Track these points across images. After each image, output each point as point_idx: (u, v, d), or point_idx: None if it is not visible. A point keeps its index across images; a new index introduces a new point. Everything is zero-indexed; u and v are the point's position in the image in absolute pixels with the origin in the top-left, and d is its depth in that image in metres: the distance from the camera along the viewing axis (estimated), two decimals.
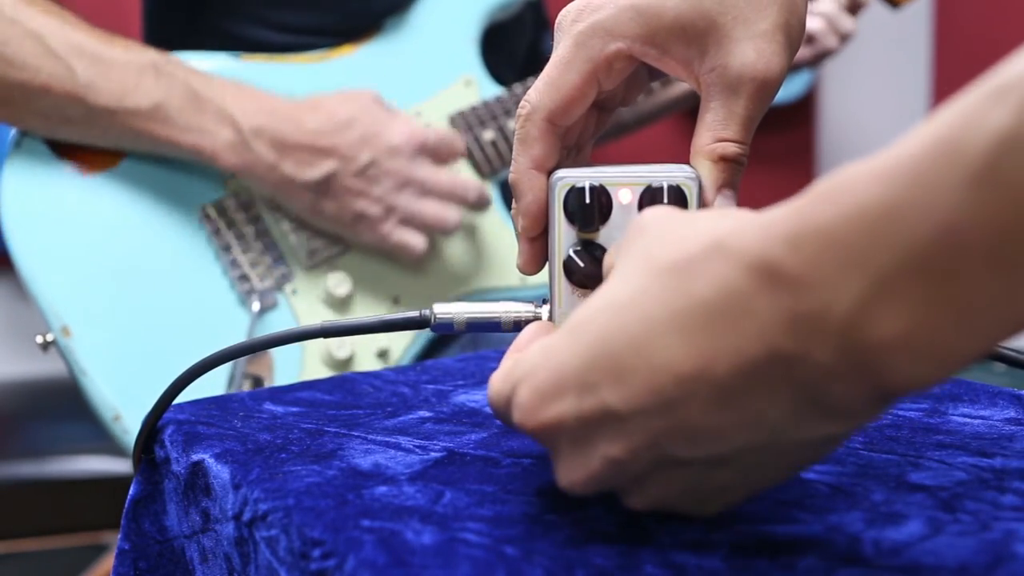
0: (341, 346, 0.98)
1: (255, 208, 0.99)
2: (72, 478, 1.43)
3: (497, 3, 1.09)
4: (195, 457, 0.50)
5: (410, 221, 0.97)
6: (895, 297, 0.30)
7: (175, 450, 0.51)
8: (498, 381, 0.40)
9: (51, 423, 1.55)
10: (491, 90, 1.07)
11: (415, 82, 1.06)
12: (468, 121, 1.05)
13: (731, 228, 0.34)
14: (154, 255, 0.96)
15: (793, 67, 1.27)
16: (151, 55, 0.93)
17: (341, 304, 0.99)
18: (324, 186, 0.94)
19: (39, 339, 0.93)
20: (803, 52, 1.25)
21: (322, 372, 0.98)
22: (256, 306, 0.96)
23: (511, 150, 1.05)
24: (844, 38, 1.26)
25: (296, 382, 0.63)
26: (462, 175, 1.00)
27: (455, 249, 1.04)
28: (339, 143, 0.94)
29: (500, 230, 1.06)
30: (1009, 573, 0.35)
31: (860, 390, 0.32)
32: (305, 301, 0.99)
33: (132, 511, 0.54)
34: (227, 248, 0.98)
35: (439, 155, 0.99)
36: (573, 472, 0.37)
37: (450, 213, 0.98)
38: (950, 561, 0.36)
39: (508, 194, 1.10)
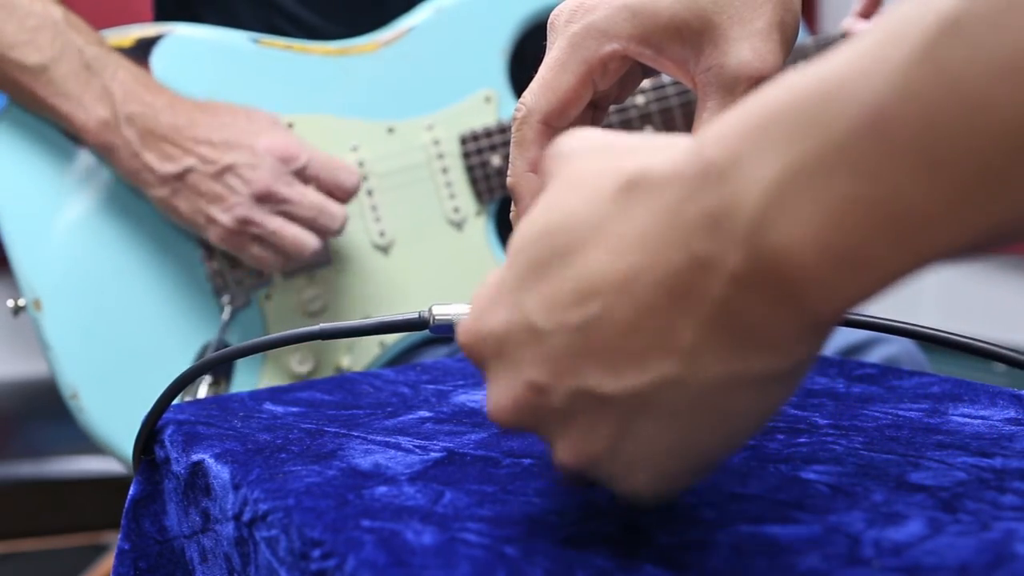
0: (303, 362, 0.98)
1: None
2: (72, 478, 1.43)
3: (532, 12, 1.02)
4: (195, 457, 0.50)
5: (265, 239, 0.92)
6: (809, 189, 0.27)
7: (175, 450, 0.51)
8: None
9: (51, 423, 1.55)
10: (512, 110, 1.03)
11: (432, 91, 1.01)
12: (479, 143, 1.01)
13: (665, 144, 0.31)
14: (137, 239, 0.96)
15: None
16: (58, 11, 0.91)
17: (311, 317, 0.98)
18: (179, 182, 0.91)
19: (10, 303, 0.95)
20: None
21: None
22: (227, 302, 0.96)
23: None
24: None
25: (297, 383, 0.63)
26: (329, 203, 0.93)
27: (436, 271, 1.01)
28: (203, 140, 0.91)
29: (483, 255, 1.02)
30: (1009, 573, 0.35)
31: (777, 308, 0.29)
32: (276, 308, 0.98)
33: (132, 511, 0.54)
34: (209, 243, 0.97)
35: (319, 182, 0.93)
36: (500, 397, 0.35)
37: (308, 239, 0.92)
38: (950, 561, 0.36)
39: (506, 217, 1.07)
